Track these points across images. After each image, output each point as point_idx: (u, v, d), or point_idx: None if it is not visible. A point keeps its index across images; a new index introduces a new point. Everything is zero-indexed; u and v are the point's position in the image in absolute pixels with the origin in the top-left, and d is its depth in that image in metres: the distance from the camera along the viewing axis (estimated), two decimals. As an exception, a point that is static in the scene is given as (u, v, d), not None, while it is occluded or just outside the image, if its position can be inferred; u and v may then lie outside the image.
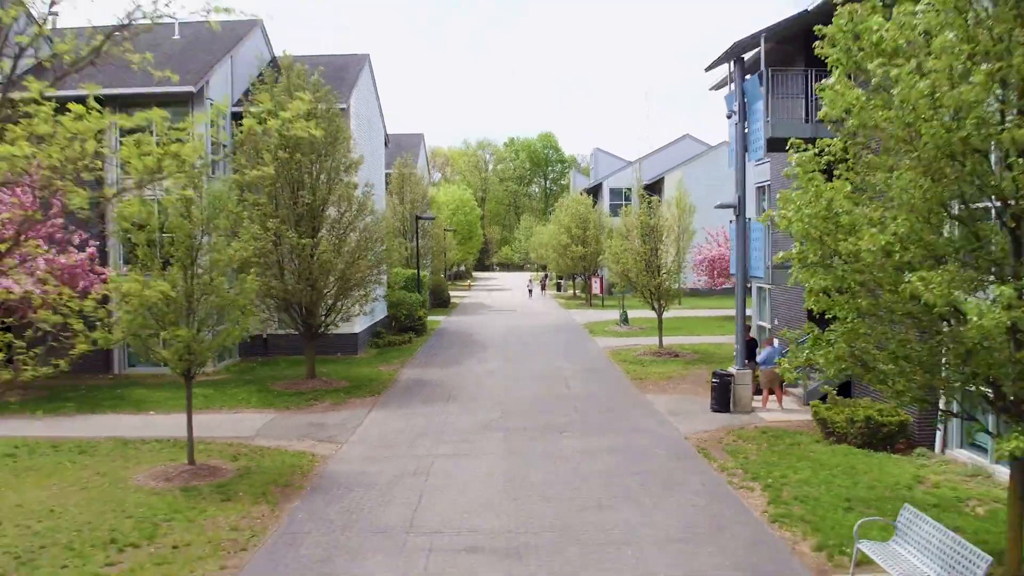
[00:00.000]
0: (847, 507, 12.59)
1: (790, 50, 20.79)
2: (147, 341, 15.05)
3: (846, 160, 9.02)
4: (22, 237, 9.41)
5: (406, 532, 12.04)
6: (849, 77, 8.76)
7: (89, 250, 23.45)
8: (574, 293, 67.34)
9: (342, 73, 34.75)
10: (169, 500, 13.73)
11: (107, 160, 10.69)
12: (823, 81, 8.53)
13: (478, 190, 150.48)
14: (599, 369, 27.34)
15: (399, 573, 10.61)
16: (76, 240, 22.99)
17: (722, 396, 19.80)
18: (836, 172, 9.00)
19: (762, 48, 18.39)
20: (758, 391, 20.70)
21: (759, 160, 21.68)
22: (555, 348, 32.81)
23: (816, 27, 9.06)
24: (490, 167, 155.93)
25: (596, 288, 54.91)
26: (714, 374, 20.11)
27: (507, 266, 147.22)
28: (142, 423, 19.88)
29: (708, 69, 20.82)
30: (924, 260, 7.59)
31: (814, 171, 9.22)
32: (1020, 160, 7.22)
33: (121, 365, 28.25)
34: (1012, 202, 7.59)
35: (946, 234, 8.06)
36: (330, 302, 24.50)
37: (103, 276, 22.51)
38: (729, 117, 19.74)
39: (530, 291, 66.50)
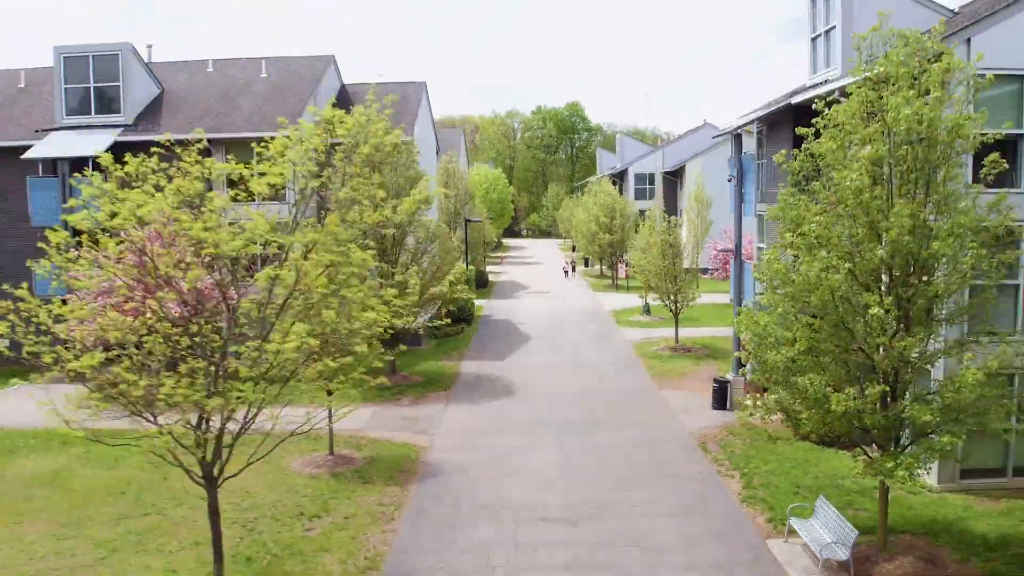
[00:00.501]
0: (796, 491, 18.34)
1: (782, 120, 26.00)
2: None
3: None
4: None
5: (498, 507, 17.99)
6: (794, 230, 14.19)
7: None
8: (600, 271, 72.74)
9: (404, 103, 40.10)
10: (325, 483, 19.74)
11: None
12: (758, 260, 14.01)
13: (507, 158, 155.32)
14: (626, 364, 33.12)
15: (501, 536, 16.56)
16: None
17: (720, 397, 25.50)
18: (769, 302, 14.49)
19: (755, 133, 23.72)
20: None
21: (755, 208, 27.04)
22: (588, 340, 38.54)
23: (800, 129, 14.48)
24: (518, 135, 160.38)
25: (621, 272, 60.32)
26: (715, 380, 25.82)
27: (535, 231, 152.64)
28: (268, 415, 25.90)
29: (715, 137, 26.15)
30: (813, 367, 13.16)
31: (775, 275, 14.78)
32: (866, 317, 12.69)
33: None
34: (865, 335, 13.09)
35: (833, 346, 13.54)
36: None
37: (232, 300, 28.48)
38: (730, 180, 25.13)
39: (565, 272, 71.05)
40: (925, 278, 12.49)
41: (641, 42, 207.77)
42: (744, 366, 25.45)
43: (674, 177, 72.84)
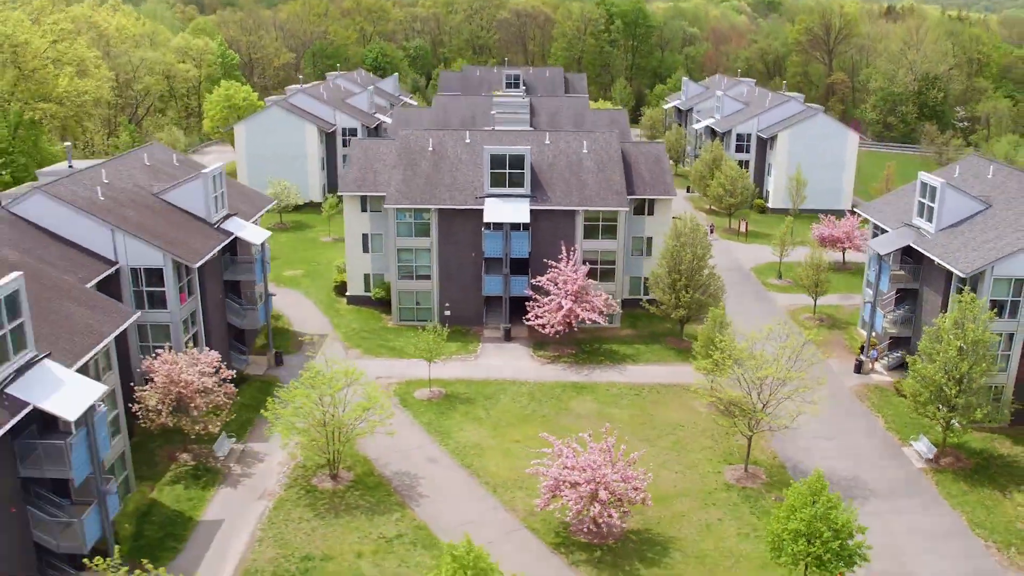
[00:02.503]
0: (906, 425, 48.28)
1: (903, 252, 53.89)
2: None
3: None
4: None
5: (796, 430, 47.97)
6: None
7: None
8: (709, 208, 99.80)
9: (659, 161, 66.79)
10: (708, 416, 49.40)
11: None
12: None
13: (577, 52, 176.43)
14: (794, 332, 62.27)
15: (810, 445, 46.55)
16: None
17: (858, 367, 55.06)
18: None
19: (892, 257, 52.01)
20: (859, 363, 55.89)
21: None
22: (757, 308, 67.31)
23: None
24: (586, 29, 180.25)
25: (742, 228, 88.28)
26: (856, 360, 55.22)
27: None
28: (641, 372, 55.33)
29: (867, 247, 54.32)
30: (931, 402, 42.28)
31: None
32: (948, 389, 41.77)
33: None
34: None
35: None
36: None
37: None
38: (871, 271, 53.44)
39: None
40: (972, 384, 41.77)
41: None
42: (873, 352, 55.06)
43: (766, 138, 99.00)
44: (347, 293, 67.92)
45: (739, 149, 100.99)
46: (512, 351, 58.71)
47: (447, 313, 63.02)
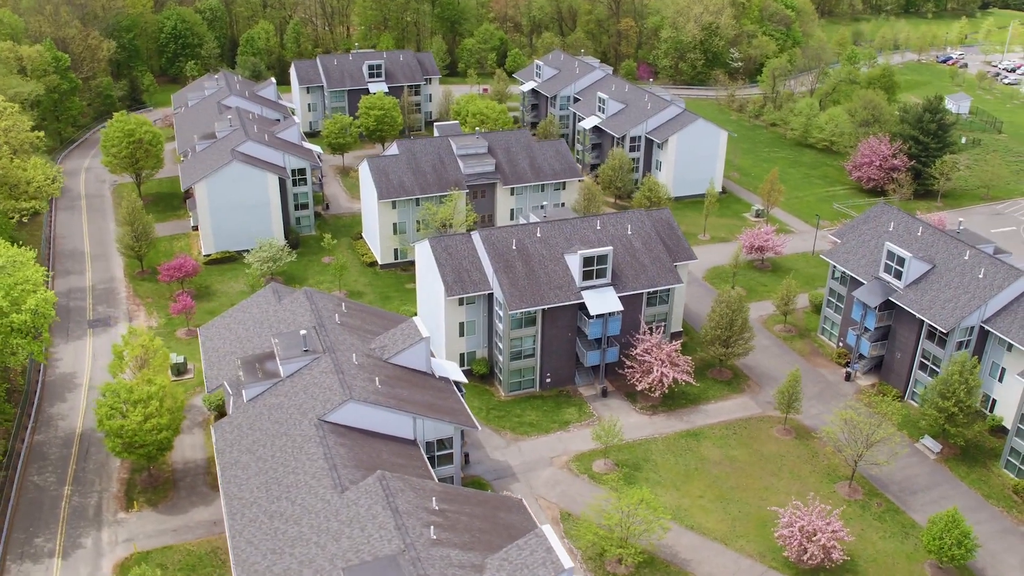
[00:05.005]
0: (908, 424, 74.96)
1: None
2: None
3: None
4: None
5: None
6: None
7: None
8: (614, 202, 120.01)
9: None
10: (791, 442, 72.69)
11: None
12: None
13: (385, 11, 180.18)
14: (779, 344, 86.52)
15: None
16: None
17: (847, 377, 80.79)
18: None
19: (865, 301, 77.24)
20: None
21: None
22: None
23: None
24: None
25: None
26: (845, 372, 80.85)
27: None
28: (719, 409, 76.98)
29: (849, 287, 79.00)
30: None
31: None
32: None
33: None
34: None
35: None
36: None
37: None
38: (858, 319, 78.35)
39: None
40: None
41: None
42: (855, 365, 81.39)
43: (653, 139, 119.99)
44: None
45: (632, 149, 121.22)
46: (616, 407, 77.00)
47: (548, 380, 79.20)
